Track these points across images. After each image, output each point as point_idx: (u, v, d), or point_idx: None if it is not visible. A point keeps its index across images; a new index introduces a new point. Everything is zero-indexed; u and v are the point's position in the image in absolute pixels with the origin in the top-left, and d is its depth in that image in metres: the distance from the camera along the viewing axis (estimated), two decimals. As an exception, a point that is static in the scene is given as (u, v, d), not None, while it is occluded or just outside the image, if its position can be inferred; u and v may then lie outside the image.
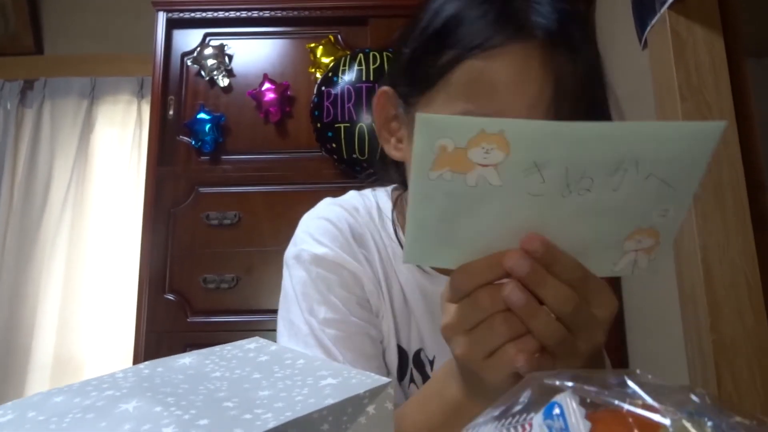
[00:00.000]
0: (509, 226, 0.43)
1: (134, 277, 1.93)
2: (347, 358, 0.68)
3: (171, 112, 1.76)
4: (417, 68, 0.60)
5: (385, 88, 0.65)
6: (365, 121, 1.49)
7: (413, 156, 0.40)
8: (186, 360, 0.54)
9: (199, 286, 1.64)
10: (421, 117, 0.39)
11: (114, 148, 2.27)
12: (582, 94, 0.56)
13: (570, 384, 0.25)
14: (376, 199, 0.76)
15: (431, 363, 0.71)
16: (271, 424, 0.39)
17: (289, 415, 0.40)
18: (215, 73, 1.77)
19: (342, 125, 1.51)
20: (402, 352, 0.70)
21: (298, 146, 1.72)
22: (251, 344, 0.58)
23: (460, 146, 0.39)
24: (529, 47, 0.54)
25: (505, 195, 0.41)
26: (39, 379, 2.04)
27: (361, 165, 1.55)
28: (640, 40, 1.41)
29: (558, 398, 0.25)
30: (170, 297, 1.65)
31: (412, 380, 0.72)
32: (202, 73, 1.78)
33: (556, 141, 0.40)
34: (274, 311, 1.64)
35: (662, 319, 1.35)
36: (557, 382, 0.25)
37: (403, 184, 0.73)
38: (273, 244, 1.67)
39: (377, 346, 0.70)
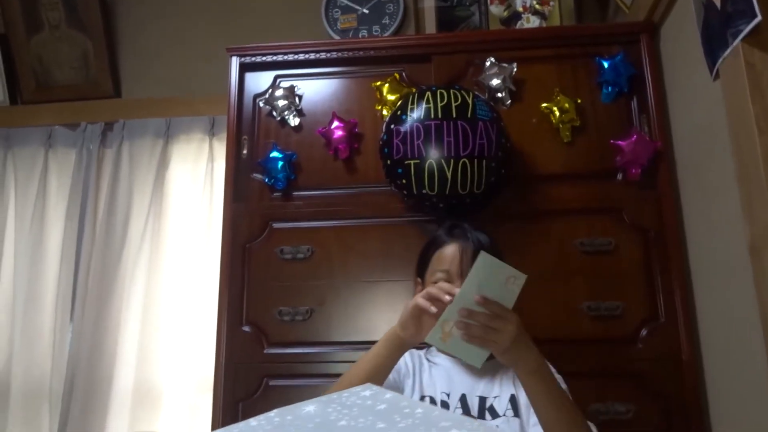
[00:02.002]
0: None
1: (210, 309, 2.02)
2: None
3: (245, 151, 1.85)
4: (420, 264, 1.40)
5: (416, 279, 1.41)
6: (434, 157, 1.53)
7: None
8: (310, 408, 0.58)
9: (274, 319, 1.70)
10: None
11: (187, 183, 2.38)
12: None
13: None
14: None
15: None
16: (413, 478, 0.42)
17: (427, 469, 0.43)
18: (286, 113, 1.85)
19: (412, 162, 1.55)
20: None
21: (367, 181, 1.78)
22: (366, 391, 0.62)
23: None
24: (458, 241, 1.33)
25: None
26: (120, 407, 2.14)
27: (430, 200, 1.59)
28: (711, 72, 1.40)
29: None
30: (247, 329, 1.72)
31: None
32: (274, 113, 1.86)
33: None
34: (346, 343, 1.69)
35: (744, 356, 1.33)
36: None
37: None
38: (343, 276, 1.72)
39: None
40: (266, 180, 1.80)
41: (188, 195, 2.35)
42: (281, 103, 1.86)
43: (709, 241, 1.51)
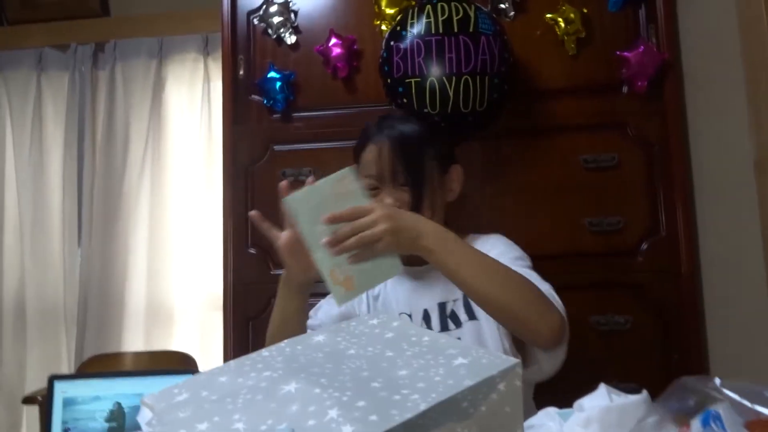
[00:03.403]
0: None
1: (216, 230, 2.03)
2: None
3: (241, 72, 1.80)
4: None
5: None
6: (435, 74, 1.49)
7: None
8: (320, 338, 0.60)
9: (279, 241, 1.72)
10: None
11: (184, 105, 2.34)
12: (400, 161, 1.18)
13: (726, 391, 0.28)
14: None
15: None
16: (423, 407, 0.44)
17: (435, 397, 0.45)
18: (282, 30, 1.79)
19: (413, 80, 1.51)
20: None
21: (368, 100, 1.74)
22: (374, 320, 0.63)
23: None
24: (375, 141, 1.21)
25: None
26: (134, 325, 2.21)
27: (432, 118, 1.56)
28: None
29: (715, 407, 0.28)
30: (253, 251, 1.74)
31: None
32: (269, 31, 1.80)
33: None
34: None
35: (742, 269, 1.35)
36: (713, 393, 0.29)
37: None
38: (347, 197, 1.72)
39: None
40: (265, 101, 1.77)
41: (186, 116, 2.32)
42: (276, 19, 1.79)
43: (713, 156, 1.50)
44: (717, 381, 0.29)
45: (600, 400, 0.52)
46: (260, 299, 1.72)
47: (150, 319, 2.22)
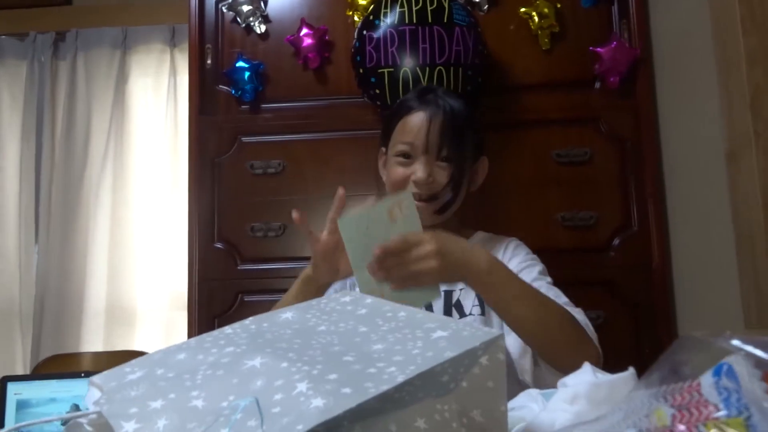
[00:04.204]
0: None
1: (180, 226, 1.97)
2: None
3: (209, 61, 1.75)
4: (384, 134, 1.23)
5: (381, 149, 1.26)
6: (409, 65, 1.46)
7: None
8: (288, 315, 0.56)
9: (246, 235, 1.67)
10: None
11: (149, 97, 2.27)
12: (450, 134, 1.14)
13: (737, 343, 0.26)
14: None
15: None
16: (400, 378, 0.41)
17: (413, 369, 0.42)
18: (251, 19, 1.74)
19: (386, 70, 1.48)
20: None
21: (339, 92, 1.71)
22: (346, 297, 0.59)
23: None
24: (425, 109, 1.15)
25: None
26: (94, 326, 2.13)
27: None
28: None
29: (728, 359, 0.25)
30: (219, 246, 1.69)
31: None
32: (238, 19, 1.75)
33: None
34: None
35: (713, 262, 1.35)
36: (723, 345, 0.26)
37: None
38: (317, 191, 1.68)
39: None
40: (233, 92, 1.72)
41: (151, 109, 2.25)
42: (245, 8, 1.74)
43: (684, 150, 1.50)
44: (727, 334, 0.27)
45: (585, 376, 0.50)
46: (226, 296, 1.67)
47: (111, 319, 2.14)
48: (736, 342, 0.26)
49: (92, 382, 0.46)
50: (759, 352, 0.25)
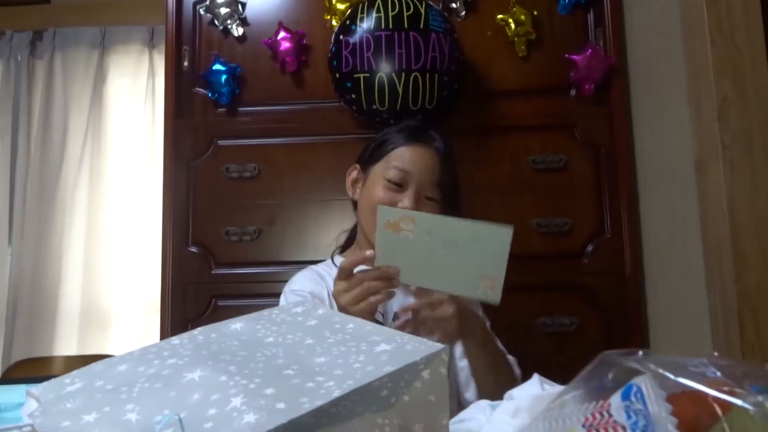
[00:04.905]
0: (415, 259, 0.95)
1: (156, 229, 1.95)
2: None
3: (186, 63, 1.74)
4: (371, 155, 1.25)
5: (355, 165, 1.28)
6: (384, 70, 1.46)
7: (377, 227, 0.95)
8: (237, 325, 0.56)
9: (222, 239, 1.66)
10: (379, 207, 0.96)
11: (127, 98, 2.25)
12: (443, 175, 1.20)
13: (650, 364, 0.26)
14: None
15: None
16: (336, 393, 0.40)
17: (351, 384, 0.42)
18: (228, 21, 1.74)
19: (361, 75, 1.48)
20: None
21: (316, 96, 1.70)
22: (298, 308, 0.59)
23: (395, 220, 0.94)
24: (424, 146, 1.21)
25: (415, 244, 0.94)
26: (68, 329, 2.10)
27: (381, 116, 1.54)
28: (669, -19, 1.36)
29: (636, 380, 0.26)
30: (194, 249, 1.67)
31: None
32: (216, 22, 1.74)
33: (432, 223, 0.94)
34: (297, 262, 1.67)
35: (683, 270, 1.36)
36: (635, 365, 0.26)
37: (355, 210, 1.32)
38: (294, 195, 1.68)
39: None
40: (210, 94, 1.71)
41: (129, 110, 2.23)
42: (223, 10, 1.73)
43: (657, 158, 1.51)
44: (640, 354, 0.27)
45: (531, 389, 0.50)
46: (200, 300, 1.65)
47: (85, 322, 2.12)
48: (649, 362, 0.26)
49: (30, 393, 0.46)
50: (667, 374, 0.25)
